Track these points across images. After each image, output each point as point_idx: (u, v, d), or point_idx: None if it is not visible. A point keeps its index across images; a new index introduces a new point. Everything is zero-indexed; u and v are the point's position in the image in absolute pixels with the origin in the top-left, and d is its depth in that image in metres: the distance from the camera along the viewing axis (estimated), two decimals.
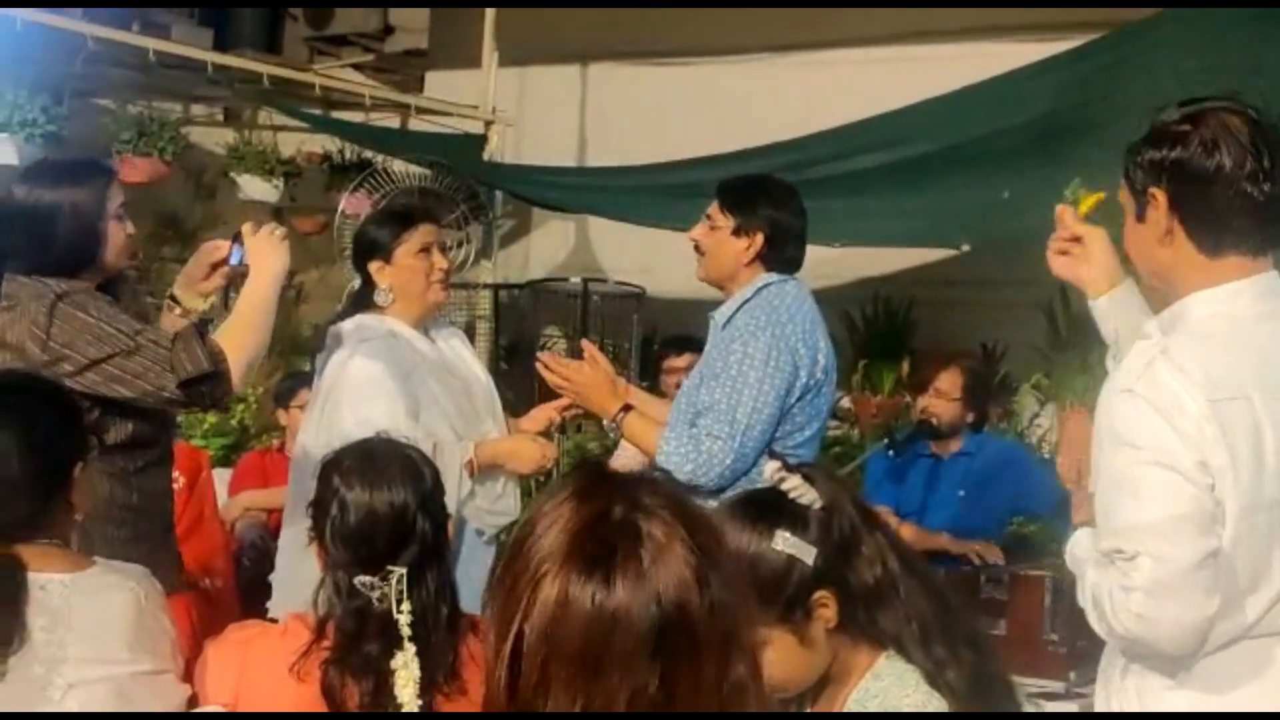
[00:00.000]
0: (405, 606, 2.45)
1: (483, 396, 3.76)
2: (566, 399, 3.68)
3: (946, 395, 4.85)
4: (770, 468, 2.11)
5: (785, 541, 2.01)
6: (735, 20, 6.73)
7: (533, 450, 3.60)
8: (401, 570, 2.47)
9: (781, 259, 3.55)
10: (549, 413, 3.76)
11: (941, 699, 2.02)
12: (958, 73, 5.44)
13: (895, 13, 6.28)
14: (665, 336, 6.10)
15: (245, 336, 3.02)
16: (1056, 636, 3.90)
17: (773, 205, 3.55)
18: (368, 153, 6.97)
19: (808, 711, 2.12)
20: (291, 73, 6.86)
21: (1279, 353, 2.20)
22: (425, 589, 2.51)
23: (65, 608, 2.35)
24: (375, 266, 3.64)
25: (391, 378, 3.48)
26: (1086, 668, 3.57)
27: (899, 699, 2.02)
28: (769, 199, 3.57)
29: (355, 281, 4.04)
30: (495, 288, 7.07)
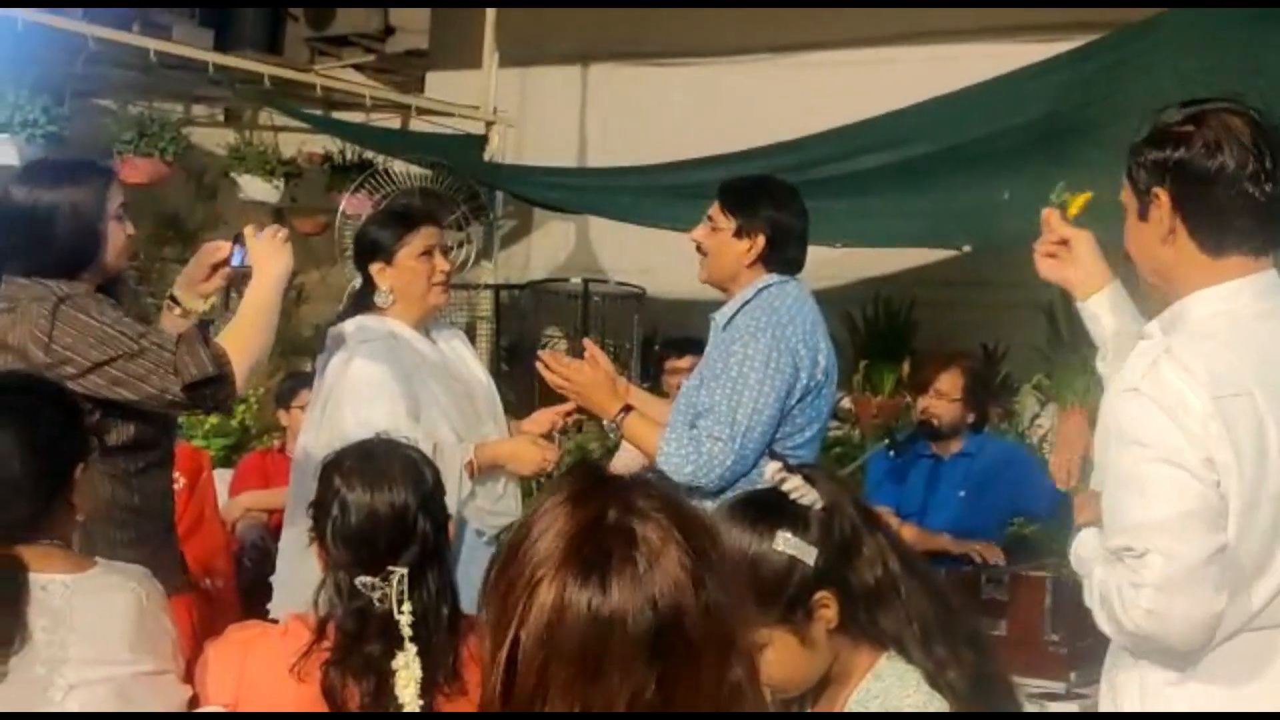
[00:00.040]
0: (406, 607, 2.45)
1: (483, 398, 3.76)
2: (569, 404, 3.68)
3: (947, 396, 4.85)
4: (771, 468, 2.10)
5: (786, 542, 2.01)
6: (736, 20, 6.72)
7: (533, 452, 3.59)
8: (403, 571, 2.47)
9: (783, 260, 3.55)
10: (551, 416, 3.75)
11: (942, 699, 2.01)
12: (959, 73, 5.43)
13: (896, 13, 6.28)
14: (667, 338, 6.09)
15: (248, 339, 3.01)
16: (1057, 637, 3.90)
17: (774, 206, 3.55)
18: (368, 153, 6.97)
19: (809, 712, 2.12)
20: (292, 73, 6.85)
21: (1279, 350, 2.22)
22: (426, 589, 2.51)
23: (66, 608, 2.35)
24: (376, 268, 3.64)
25: (392, 379, 3.48)
26: (1087, 668, 3.58)
27: (900, 699, 2.02)
28: (770, 200, 3.56)
29: (356, 281, 4.04)
30: (496, 288, 7.07)
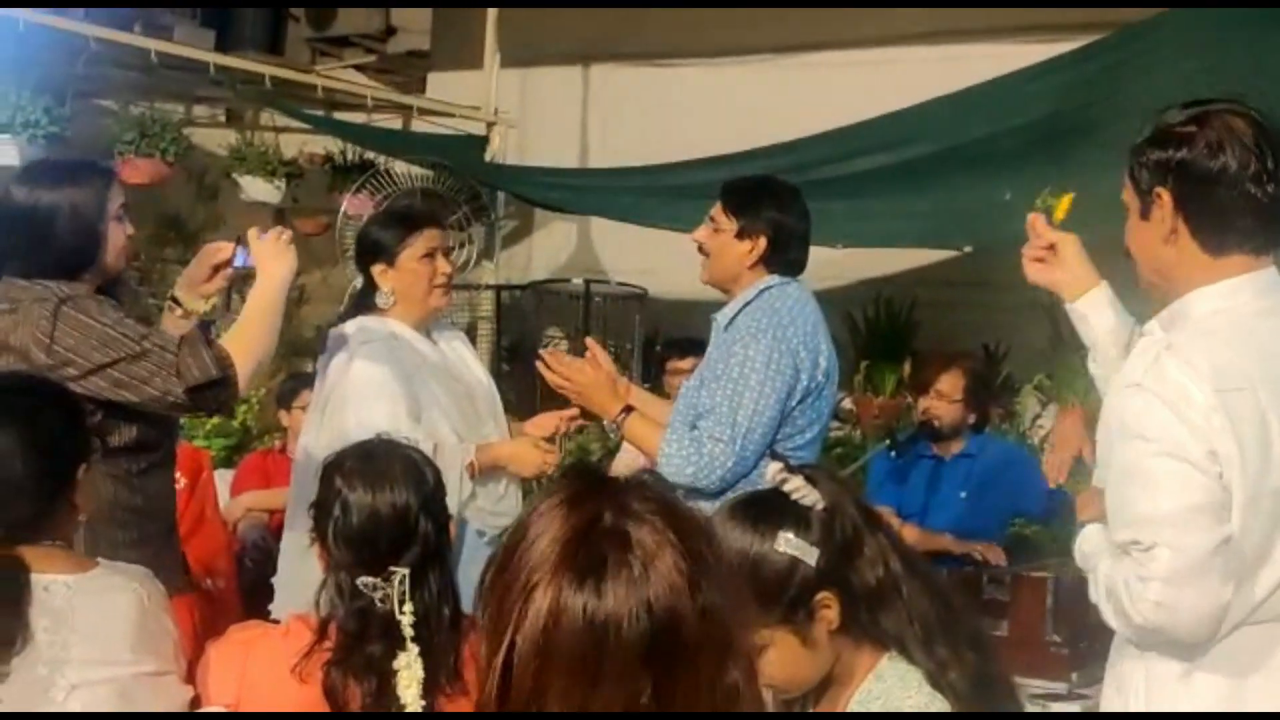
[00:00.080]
0: (408, 607, 2.45)
1: (484, 399, 3.75)
2: (572, 409, 3.67)
3: (948, 397, 4.85)
4: (773, 469, 2.10)
5: (788, 543, 2.00)
6: (738, 21, 6.72)
7: (535, 455, 3.58)
8: (404, 571, 2.47)
9: (785, 262, 3.54)
10: (554, 420, 3.72)
11: (944, 700, 2.01)
12: (960, 74, 5.43)
13: (898, 14, 6.27)
14: (669, 339, 6.09)
15: (252, 341, 3.00)
16: (1059, 638, 3.90)
17: (776, 208, 3.54)
18: (370, 154, 6.97)
19: (810, 712, 2.12)
20: (293, 74, 6.85)
21: (1279, 346, 2.24)
22: (428, 590, 2.51)
23: (68, 609, 2.35)
24: (378, 269, 3.63)
25: (393, 380, 3.47)
26: (1089, 669, 3.58)
27: (901, 700, 2.02)
28: (773, 202, 3.55)
29: (357, 282, 4.03)
30: (497, 289, 7.07)
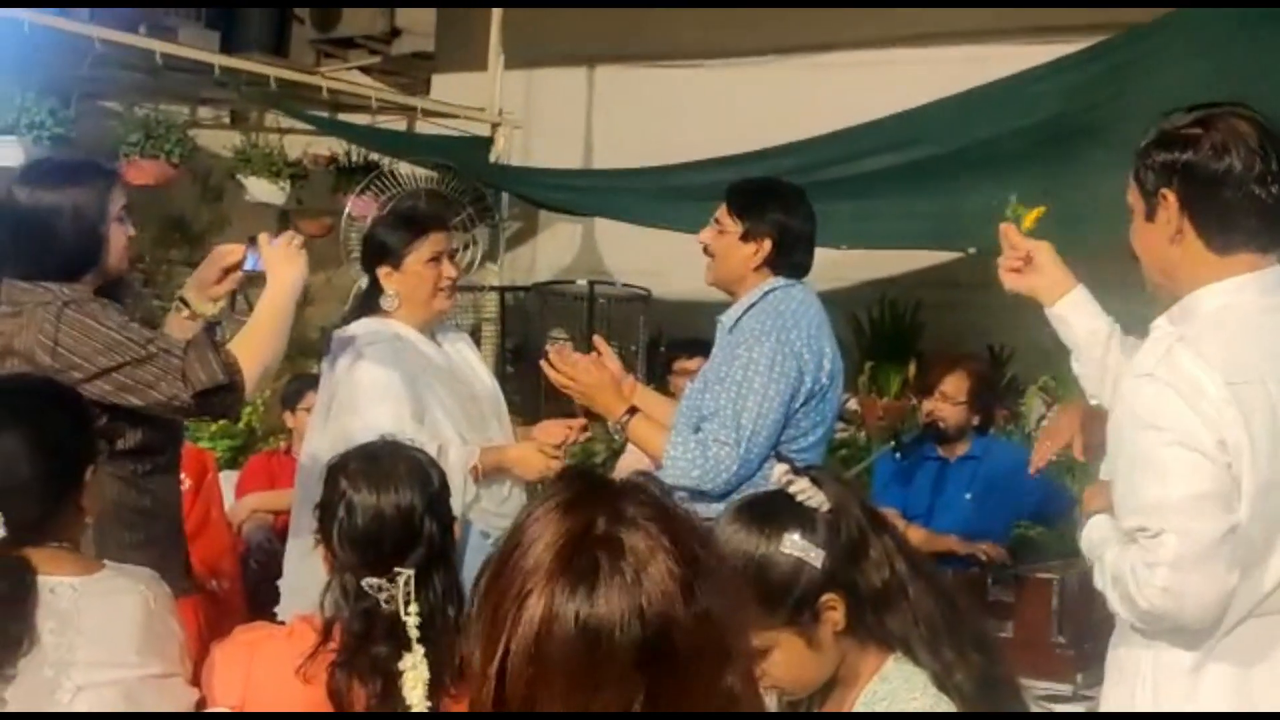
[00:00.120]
0: (413, 608, 2.45)
1: (488, 401, 3.76)
2: (580, 419, 3.68)
3: (952, 399, 4.85)
4: (778, 470, 2.10)
5: (793, 545, 2.01)
6: (743, 22, 6.72)
7: (539, 459, 3.58)
8: (409, 572, 2.47)
9: (790, 264, 3.54)
10: (562, 430, 3.69)
11: (950, 701, 2.01)
12: (965, 75, 5.42)
13: (902, 14, 6.27)
14: (676, 339, 6.09)
15: (261, 346, 2.98)
16: (1064, 639, 3.90)
17: (782, 210, 3.53)
18: (374, 155, 6.97)
19: (816, 713, 2.12)
20: (298, 75, 6.86)
21: None
22: (433, 591, 2.51)
23: (74, 611, 2.34)
24: (384, 271, 3.64)
25: (398, 382, 3.47)
26: (1094, 670, 3.56)
27: (907, 701, 2.02)
28: (778, 204, 3.55)
29: (362, 282, 4.03)
30: (501, 290, 7.07)
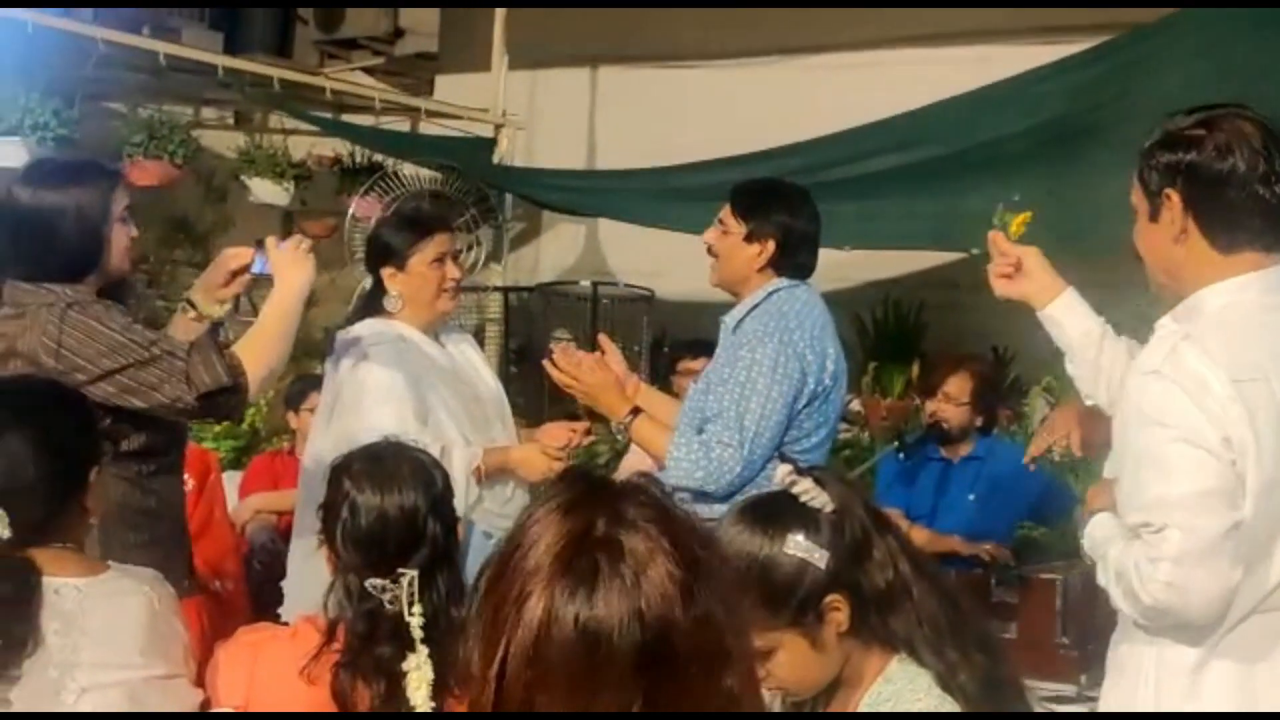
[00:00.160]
0: (417, 609, 2.45)
1: (492, 402, 3.76)
2: (584, 423, 3.69)
3: (955, 400, 4.85)
4: (782, 471, 2.10)
5: (797, 545, 2.00)
6: (746, 23, 6.72)
7: (542, 461, 3.58)
8: (413, 573, 2.47)
9: (793, 265, 3.53)
10: (566, 433, 3.69)
11: (953, 702, 2.01)
12: (968, 75, 5.42)
13: (906, 15, 6.28)
14: (680, 340, 6.09)
15: (266, 349, 2.98)
16: (1068, 640, 3.90)
17: (786, 211, 3.53)
18: (378, 156, 6.97)
19: (820, 713, 2.12)
20: (302, 76, 6.86)
21: None
22: (436, 591, 2.51)
23: (79, 612, 2.35)
24: (388, 272, 3.64)
25: (401, 383, 3.48)
26: (1098, 671, 3.54)
27: (911, 702, 2.01)
28: (782, 205, 3.54)
29: (366, 282, 4.03)
30: (505, 291, 7.06)
